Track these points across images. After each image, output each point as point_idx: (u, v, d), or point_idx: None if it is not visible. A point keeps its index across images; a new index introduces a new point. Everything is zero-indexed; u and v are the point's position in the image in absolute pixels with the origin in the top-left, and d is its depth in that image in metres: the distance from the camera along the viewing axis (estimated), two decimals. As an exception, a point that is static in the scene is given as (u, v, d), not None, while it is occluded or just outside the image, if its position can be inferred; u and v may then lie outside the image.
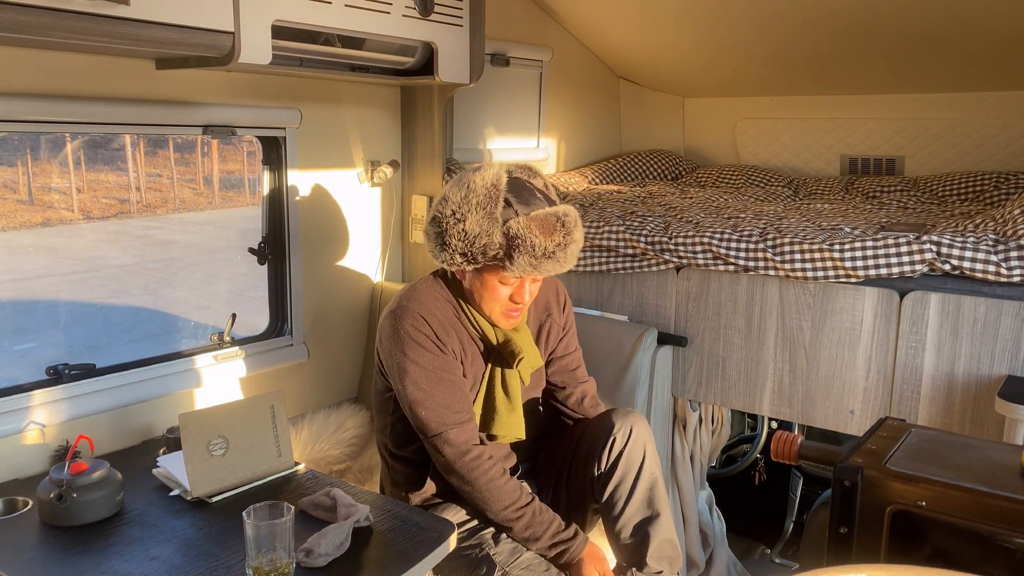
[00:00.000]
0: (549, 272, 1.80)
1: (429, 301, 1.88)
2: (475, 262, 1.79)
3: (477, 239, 1.75)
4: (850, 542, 1.33)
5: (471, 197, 1.75)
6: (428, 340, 1.83)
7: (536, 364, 1.96)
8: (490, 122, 3.37)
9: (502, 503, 1.81)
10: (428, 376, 1.81)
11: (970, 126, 3.43)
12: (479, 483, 1.80)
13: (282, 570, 1.48)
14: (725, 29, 3.28)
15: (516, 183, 1.81)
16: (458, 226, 1.76)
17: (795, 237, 2.38)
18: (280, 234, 2.58)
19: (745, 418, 3.63)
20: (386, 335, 1.87)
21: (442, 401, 1.81)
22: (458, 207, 1.76)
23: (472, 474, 1.80)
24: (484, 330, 1.92)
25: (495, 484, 1.81)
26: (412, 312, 1.84)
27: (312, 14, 2.09)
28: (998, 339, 2.12)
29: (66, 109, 2.03)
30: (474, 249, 1.76)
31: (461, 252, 1.77)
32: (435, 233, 1.81)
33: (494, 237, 1.74)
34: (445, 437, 1.81)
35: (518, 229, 1.74)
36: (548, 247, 1.75)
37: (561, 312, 2.11)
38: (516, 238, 1.74)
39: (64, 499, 1.68)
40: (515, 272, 1.78)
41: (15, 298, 6.78)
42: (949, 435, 1.53)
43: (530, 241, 1.73)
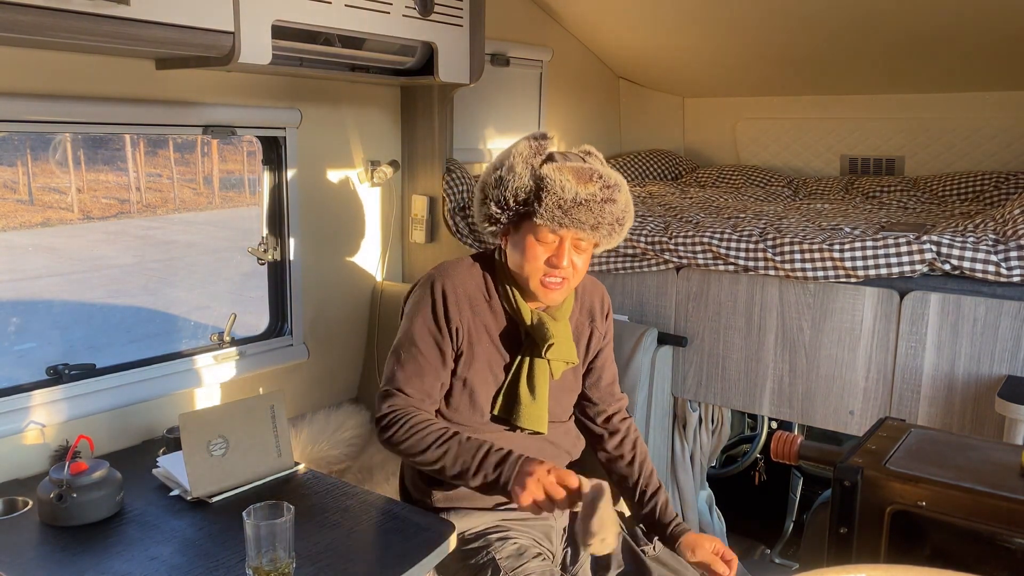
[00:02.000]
0: (583, 225, 1.68)
1: (458, 276, 1.82)
2: (507, 207, 1.73)
3: (510, 184, 1.71)
4: (850, 542, 1.33)
5: (513, 151, 1.74)
6: (432, 317, 1.78)
7: (569, 358, 1.86)
8: (490, 122, 3.37)
9: (426, 443, 1.69)
10: (412, 347, 1.78)
11: (970, 126, 3.43)
12: (403, 431, 1.71)
13: (282, 570, 1.48)
14: (725, 29, 3.28)
15: (558, 150, 1.78)
16: (495, 174, 1.75)
17: (795, 237, 2.38)
18: (280, 234, 2.58)
19: (745, 418, 3.64)
20: (407, 297, 1.87)
21: (407, 375, 1.76)
22: (500, 162, 1.76)
23: (394, 427, 1.72)
24: (521, 311, 1.82)
25: (416, 428, 1.71)
26: (435, 282, 1.80)
27: (312, 14, 2.09)
28: (998, 339, 2.12)
29: (66, 109, 2.03)
30: (506, 193, 1.71)
31: (495, 200, 1.74)
32: (481, 198, 1.79)
33: (525, 180, 1.70)
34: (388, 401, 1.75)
35: (549, 171, 1.68)
36: (580, 194, 1.66)
37: (604, 320, 2.01)
38: (545, 179, 1.67)
39: (64, 499, 1.68)
40: (544, 219, 1.67)
41: (15, 298, 6.77)
42: (949, 435, 1.53)
43: (560, 183, 1.65)
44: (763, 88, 3.82)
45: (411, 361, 1.78)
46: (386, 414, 1.74)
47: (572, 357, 1.87)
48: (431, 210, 2.90)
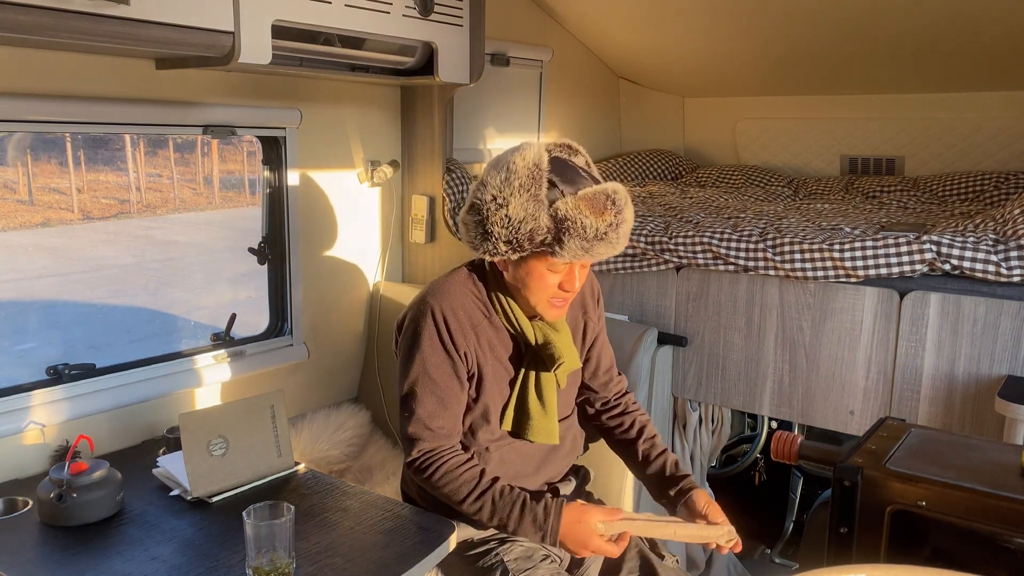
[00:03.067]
0: (601, 256, 1.66)
1: (455, 297, 1.77)
2: (521, 250, 1.64)
3: (523, 224, 1.60)
4: (850, 542, 1.33)
5: (512, 180, 1.61)
6: (440, 347, 1.73)
7: (575, 366, 1.85)
8: (490, 122, 3.37)
9: (460, 495, 1.69)
10: (426, 381, 1.73)
11: (970, 126, 3.43)
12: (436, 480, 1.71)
13: (282, 570, 1.48)
14: (725, 29, 3.28)
15: (558, 162, 1.66)
16: (500, 212, 1.61)
17: (795, 237, 2.38)
18: (280, 234, 2.58)
19: (745, 418, 3.64)
20: (404, 327, 1.79)
21: (429, 410, 1.73)
22: (499, 191, 1.62)
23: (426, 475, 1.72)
24: (523, 328, 1.79)
25: (448, 478, 1.70)
26: (434, 308, 1.74)
27: (312, 14, 2.09)
28: (998, 339, 2.12)
29: (66, 109, 2.03)
30: (520, 236, 1.61)
31: (505, 240, 1.63)
32: (475, 222, 1.67)
33: (541, 221, 1.60)
34: (417, 445, 1.73)
35: (567, 210, 1.59)
36: (600, 228, 1.61)
37: (596, 307, 1.99)
38: (565, 220, 1.59)
39: (64, 499, 1.68)
40: (565, 257, 1.63)
41: (15, 298, 6.77)
42: (949, 435, 1.53)
43: (580, 223, 1.59)
44: (763, 88, 3.83)
45: (429, 396, 1.73)
46: (416, 459, 1.72)
47: (577, 363, 1.86)
48: (431, 210, 2.90)
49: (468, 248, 1.77)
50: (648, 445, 1.94)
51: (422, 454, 1.72)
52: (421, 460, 1.72)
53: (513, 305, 1.79)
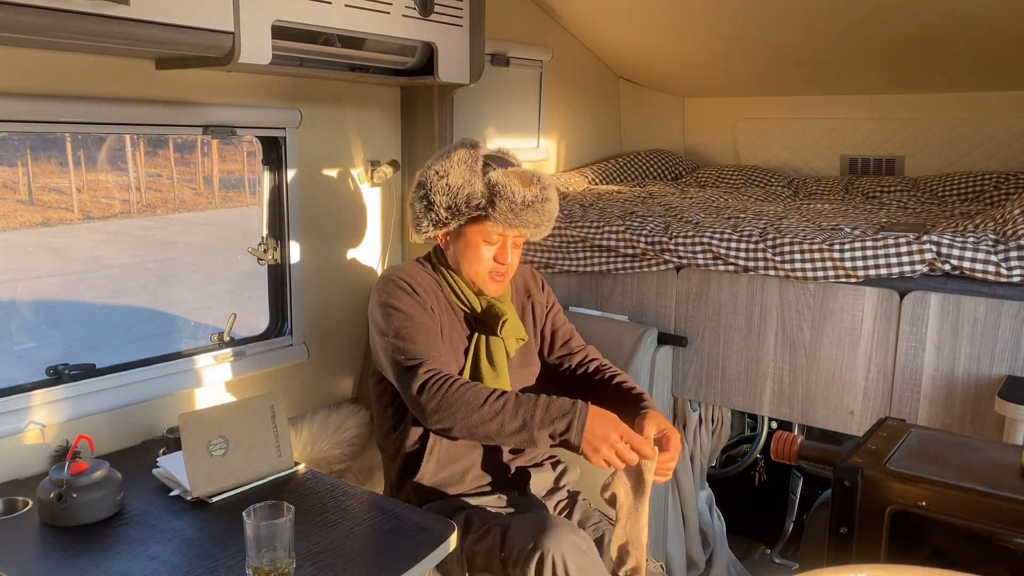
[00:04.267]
0: (529, 224, 1.89)
1: (411, 271, 1.97)
2: (459, 215, 1.89)
3: (460, 190, 1.86)
4: (850, 542, 1.33)
5: (453, 156, 1.90)
6: (410, 297, 1.89)
7: (520, 334, 2.01)
8: (490, 122, 3.37)
9: (480, 399, 1.72)
10: (410, 323, 1.85)
11: (970, 126, 3.43)
12: (452, 392, 1.73)
13: (282, 570, 1.48)
14: (725, 29, 3.28)
15: (494, 155, 1.97)
16: (441, 182, 1.88)
17: (795, 237, 2.38)
18: (280, 234, 2.58)
19: (745, 418, 3.64)
20: (372, 310, 1.94)
21: (423, 339, 1.84)
22: (441, 167, 1.90)
23: (442, 391, 1.74)
24: (469, 300, 1.99)
25: (465, 387, 1.75)
26: (394, 278, 1.92)
27: (312, 14, 2.09)
28: (998, 339, 2.12)
29: (66, 109, 2.03)
30: (458, 200, 1.87)
31: (446, 207, 1.88)
32: (420, 196, 1.93)
33: (476, 187, 1.86)
34: (417, 367, 1.78)
35: (498, 179, 1.86)
36: (527, 196, 1.86)
37: (541, 291, 2.18)
38: (496, 185, 1.85)
39: (64, 499, 1.68)
40: (498, 221, 1.87)
41: (15, 298, 6.78)
42: (949, 435, 1.53)
43: (510, 188, 1.85)
44: (763, 88, 3.82)
45: (419, 334, 1.85)
46: (428, 379, 1.77)
47: (522, 333, 2.02)
48: (431, 210, 2.90)
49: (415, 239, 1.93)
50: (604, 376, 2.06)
51: (431, 372, 1.78)
52: (433, 377, 1.76)
53: (459, 280, 1.98)
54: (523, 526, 1.75)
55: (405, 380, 1.80)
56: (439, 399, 1.74)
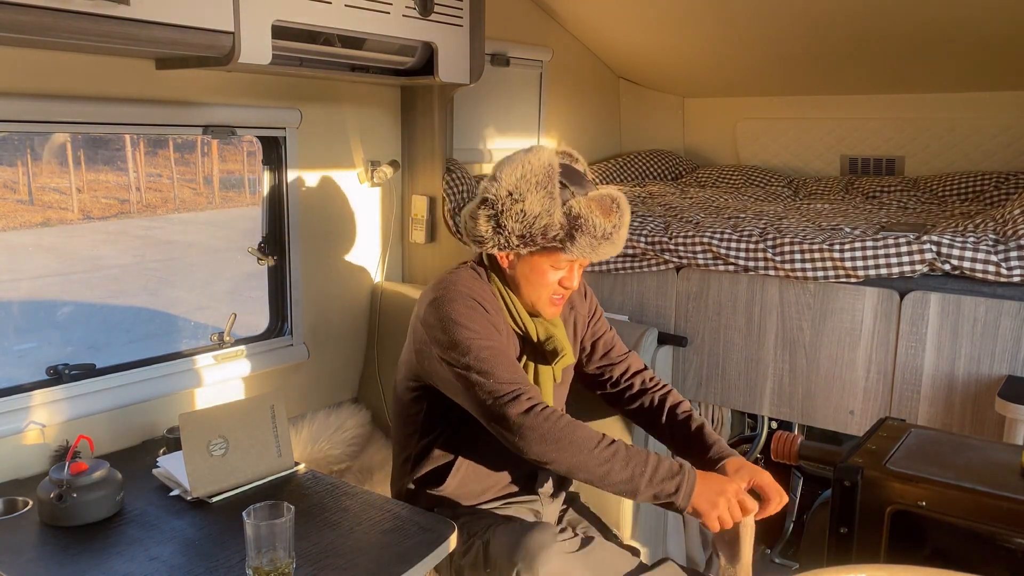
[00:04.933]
0: (605, 255, 1.77)
1: (476, 288, 1.79)
2: (533, 244, 1.73)
3: (538, 219, 1.69)
4: (850, 542, 1.33)
5: (529, 176, 1.69)
6: (482, 316, 1.75)
7: (571, 361, 1.91)
8: (490, 122, 3.37)
9: (591, 442, 1.62)
10: (490, 349, 1.71)
11: (970, 126, 3.43)
12: (561, 428, 1.62)
13: (282, 570, 1.48)
14: (726, 29, 3.28)
15: (566, 166, 1.77)
16: (516, 206, 1.69)
17: (795, 237, 2.38)
18: (280, 234, 2.58)
19: (745, 418, 3.63)
20: (431, 323, 1.76)
21: (509, 367, 1.71)
22: (515, 187, 1.69)
23: (549, 423, 1.63)
24: (525, 325, 1.85)
25: (574, 425, 1.64)
26: (462, 294, 1.75)
27: (312, 14, 2.09)
28: (998, 339, 2.12)
29: (66, 109, 2.03)
30: (534, 230, 1.70)
31: (519, 234, 1.71)
32: (487, 216, 1.73)
33: (555, 217, 1.70)
34: (519, 393, 1.66)
35: (580, 209, 1.70)
36: (607, 228, 1.72)
37: (584, 299, 2.05)
38: (579, 218, 1.69)
39: (64, 499, 1.68)
40: (574, 254, 1.73)
41: (15, 298, 6.78)
42: (949, 435, 1.53)
43: (592, 221, 1.70)
44: (763, 88, 3.82)
45: (502, 357, 1.71)
46: (531, 408, 1.64)
47: (573, 358, 1.91)
48: (431, 210, 2.90)
49: (469, 246, 1.80)
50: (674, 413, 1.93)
51: (534, 402, 1.66)
52: (536, 407, 1.64)
53: (515, 301, 1.84)
54: (503, 539, 1.75)
55: (498, 406, 1.66)
56: (544, 431, 1.62)
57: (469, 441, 1.87)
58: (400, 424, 1.97)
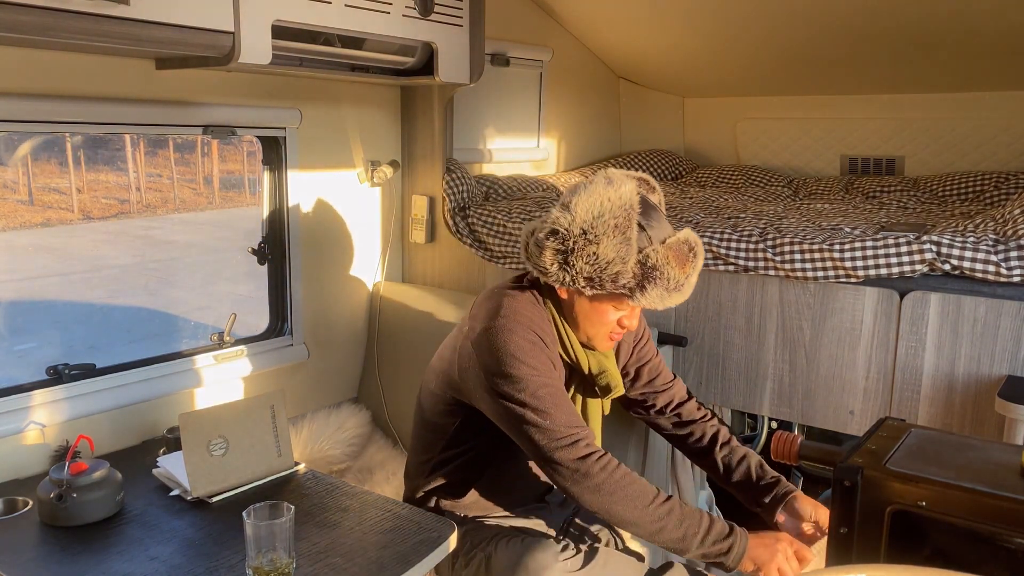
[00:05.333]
0: (672, 304, 1.66)
1: (534, 313, 1.71)
2: (600, 289, 1.62)
3: (611, 266, 1.58)
4: (850, 542, 1.33)
5: (607, 217, 1.57)
6: (542, 352, 1.68)
7: (620, 393, 1.85)
8: (490, 122, 3.37)
9: (646, 497, 1.60)
10: (549, 388, 1.65)
11: (970, 126, 3.43)
12: (616, 480, 1.60)
13: (282, 570, 1.48)
14: (726, 29, 3.28)
15: (645, 203, 1.65)
16: (589, 248, 1.58)
17: (795, 237, 2.38)
18: (280, 234, 2.58)
19: (745, 418, 3.63)
20: (484, 349, 1.67)
21: (567, 409, 1.67)
22: (591, 226, 1.58)
23: (605, 473, 1.60)
24: (577, 356, 1.78)
25: (630, 478, 1.62)
26: (522, 325, 1.67)
27: (312, 14, 2.09)
28: (998, 339, 2.12)
29: (66, 109, 2.03)
30: (604, 276, 1.59)
31: (587, 276, 1.60)
32: (555, 249, 1.61)
33: (628, 265, 1.59)
34: (573, 439, 1.62)
35: (656, 260, 1.60)
36: (680, 279, 1.63)
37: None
38: (654, 270, 1.60)
39: (64, 499, 1.68)
40: (643, 303, 1.64)
41: (15, 298, 6.78)
42: (949, 435, 1.52)
43: (667, 274, 1.60)
44: (763, 88, 3.82)
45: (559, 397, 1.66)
46: (589, 455, 1.61)
47: (623, 390, 1.86)
48: (431, 210, 2.91)
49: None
50: (726, 452, 1.90)
51: (592, 449, 1.62)
52: (595, 455, 1.61)
53: (570, 332, 1.77)
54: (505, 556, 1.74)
55: (553, 450, 1.62)
56: (599, 481, 1.59)
57: (496, 460, 1.85)
58: (425, 429, 1.92)
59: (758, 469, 1.85)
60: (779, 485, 1.81)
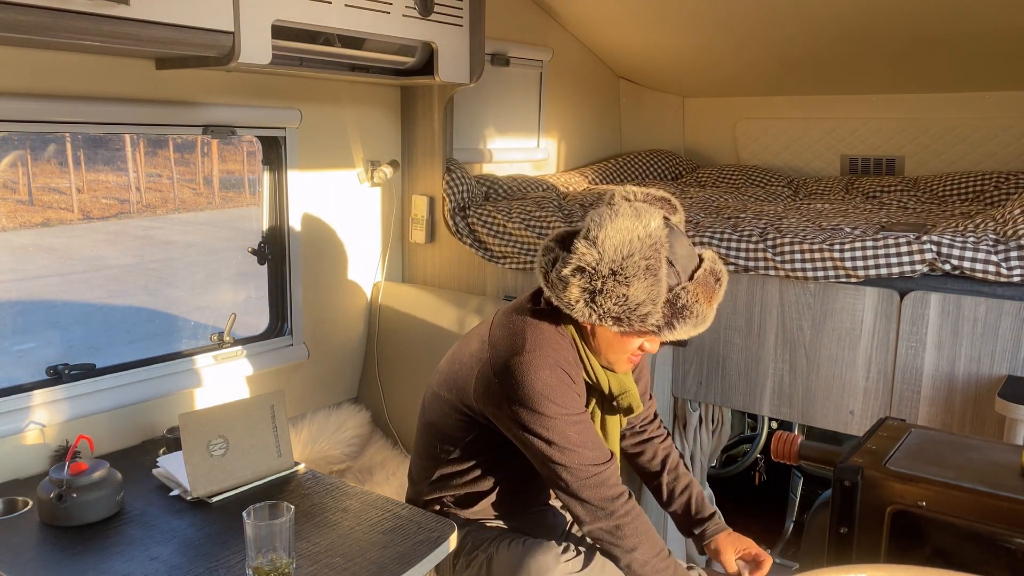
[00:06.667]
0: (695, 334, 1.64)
1: (559, 343, 1.68)
2: (629, 327, 1.58)
3: (640, 307, 1.54)
4: (850, 542, 1.33)
5: (637, 259, 1.52)
6: (570, 389, 1.66)
7: (640, 409, 1.82)
8: (490, 122, 3.37)
9: (654, 548, 1.66)
10: (577, 427, 1.65)
11: (970, 126, 3.42)
12: (633, 524, 1.65)
13: (282, 570, 1.48)
14: (726, 29, 3.28)
15: (672, 234, 1.60)
16: (618, 289, 1.53)
17: (795, 237, 2.38)
18: (280, 234, 2.58)
19: (745, 418, 3.63)
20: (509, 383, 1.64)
21: (593, 444, 1.67)
22: (620, 267, 1.52)
23: (626, 516, 1.65)
24: (598, 377, 1.75)
25: (646, 527, 1.67)
26: (549, 363, 1.64)
27: (312, 14, 2.09)
28: (998, 339, 2.12)
29: (66, 109, 2.03)
30: (632, 316, 1.55)
31: (615, 316, 1.56)
32: (582, 287, 1.56)
33: (658, 305, 1.55)
34: (600, 478, 1.64)
35: (687, 300, 1.57)
36: (708, 314, 1.61)
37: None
38: (684, 309, 1.57)
39: (64, 499, 1.68)
40: (669, 338, 1.62)
41: (15, 298, 6.77)
42: (949, 435, 1.53)
43: (696, 312, 1.58)
44: (763, 88, 3.82)
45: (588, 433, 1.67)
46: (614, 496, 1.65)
47: (641, 407, 1.83)
48: (431, 210, 2.90)
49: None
50: (672, 478, 1.94)
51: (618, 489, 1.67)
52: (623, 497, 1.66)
53: (591, 356, 1.75)
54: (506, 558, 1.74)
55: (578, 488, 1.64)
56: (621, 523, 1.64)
57: (507, 472, 1.84)
58: (432, 435, 1.89)
59: (698, 501, 1.90)
60: (710, 522, 1.87)
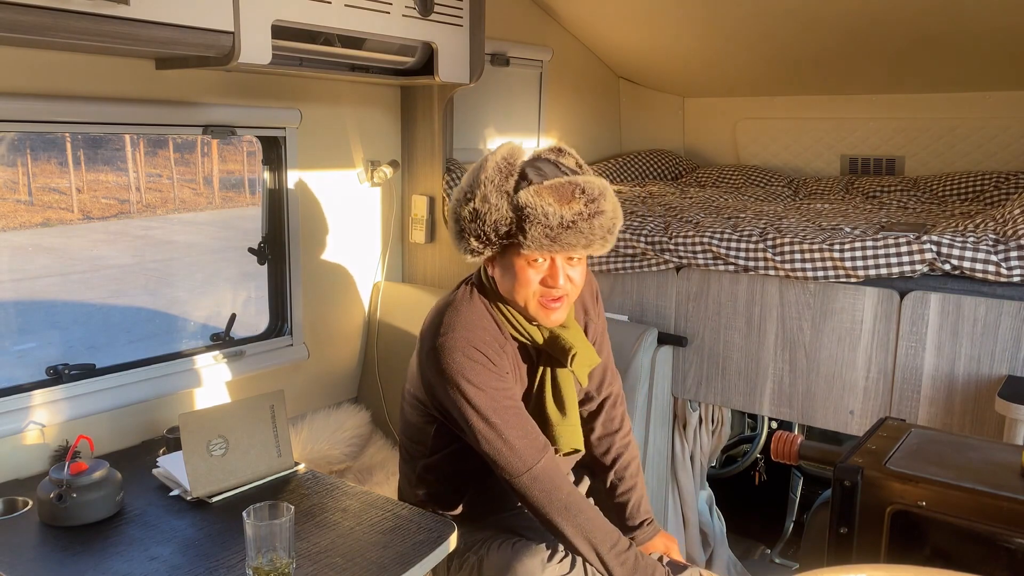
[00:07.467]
0: (573, 246, 1.60)
1: (474, 320, 1.69)
2: (489, 243, 1.62)
3: (487, 216, 1.58)
4: (850, 542, 1.33)
5: (480, 174, 1.61)
6: (485, 369, 1.65)
7: (593, 361, 1.78)
8: (490, 122, 3.37)
9: (609, 540, 1.65)
10: (496, 409, 1.64)
11: (970, 126, 3.43)
12: (580, 519, 1.63)
13: (282, 570, 1.48)
14: (725, 29, 3.28)
15: (537, 158, 1.66)
16: (468, 206, 1.61)
17: (795, 237, 2.38)
18: (280, 234, 2.58)
19: (745, 418, 3.63)
20: (433, 369, 1.67)
21: (517, 432, 1.64)
22: (469, 187, 1.62)
23: (571, 510, 1.64)
24: (530, 333, 1.74)
25: (597, 520, 1.66)
26: (461, 339, 1.65)
27: (312, 14, 2.09)
28: (998, 339, 2.12)
29: (66, 109, 2.03)
30: (485, 228, 1.60)
31: (475, 235, 1.62)
32: (453, 223, 1.67)
33: (503, 211, 1.58)
34: (533, 474, 1.63)
35: (527, 199, 1.56)
36: (566, 216, 1.56)
37: (595, 304, 1.94)
38: (525, 208, 1.56)
39: (64, 499, 1.68)
40: (532, 248, 1.59)
41: (15, 298, 6.77)
42: (949, 435, 1.53)
43: (541, 209, 1.55)
44: (763, 88, 3.82)
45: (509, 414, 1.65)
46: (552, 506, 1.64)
47: (595, 358, 1.79)
48: (431, 210, 2.91)
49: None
50: (616, 478, 1.95)
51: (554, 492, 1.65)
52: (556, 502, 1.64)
53: (516, 316, 1.74)
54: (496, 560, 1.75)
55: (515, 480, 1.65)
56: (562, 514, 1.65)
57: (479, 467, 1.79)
58: (407, 435, 1.91)
59: (632, 509, 1.92)
60: (638, 530, 1.91)
